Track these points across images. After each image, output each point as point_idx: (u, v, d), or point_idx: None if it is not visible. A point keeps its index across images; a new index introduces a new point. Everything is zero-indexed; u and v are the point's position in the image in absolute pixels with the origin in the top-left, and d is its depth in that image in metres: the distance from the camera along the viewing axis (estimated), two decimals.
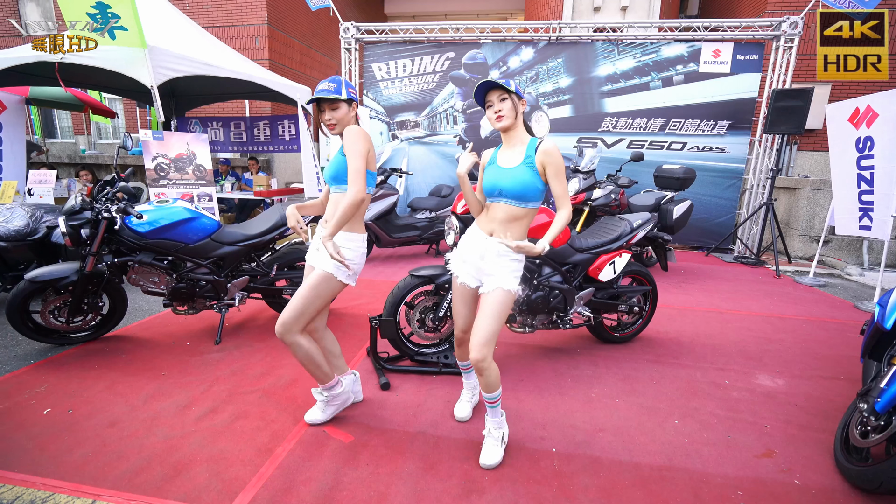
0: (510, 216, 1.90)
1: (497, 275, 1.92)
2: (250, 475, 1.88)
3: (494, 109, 1.87)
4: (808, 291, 4.96)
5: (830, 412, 2.48)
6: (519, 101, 1.89)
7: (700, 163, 6.64)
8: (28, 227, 3.71)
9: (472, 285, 2.04)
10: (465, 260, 2.03)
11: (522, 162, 1.86)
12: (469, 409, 2.36)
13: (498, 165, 1.93)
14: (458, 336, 2.19)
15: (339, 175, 2.01)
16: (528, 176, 1.84)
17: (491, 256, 1.94)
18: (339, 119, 2.00)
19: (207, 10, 11.00)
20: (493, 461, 1.96)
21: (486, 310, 1.89)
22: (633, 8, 10.03)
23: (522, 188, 1.85)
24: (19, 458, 1.96)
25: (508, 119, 1.86)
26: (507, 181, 1.86)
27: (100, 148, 12.42)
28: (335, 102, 1.99)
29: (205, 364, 2.87)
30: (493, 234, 1.94)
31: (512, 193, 1.87)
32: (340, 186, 2.03)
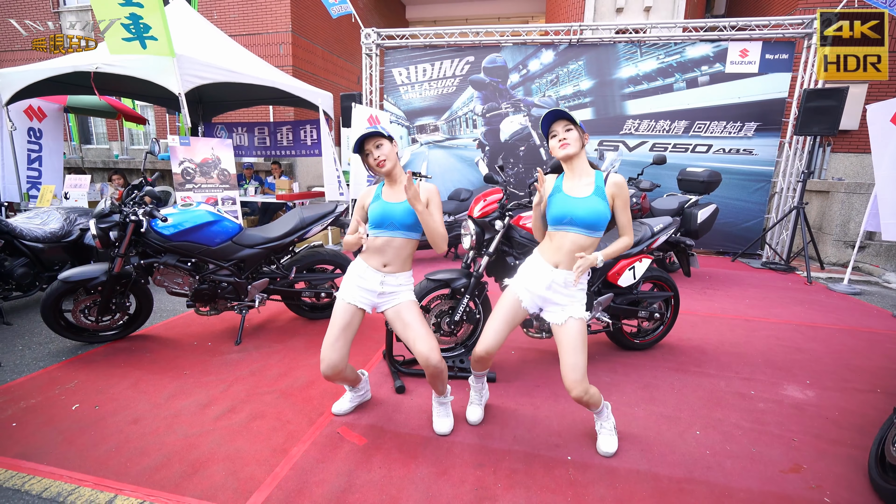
0: (578, 246, 1.94)
1: (568, 305, 1.99)
2: (265, 475, 1.91)
3: (559, 138, 1.94)
4: (842, 299, 4.75)
5: (865, 427, 2.36)
6: (583, 133, 1.97)
7: (726, 165, 6.46)
8: (63, 229, 3.88)
9: (532, 311, 2.10)
10: (529, 289, 2.06)
11: (594, 193, 1.93)
12: (480, 411, 2.35)
13: (566, 194, 1.96)
14: (479, 354, 2.12)
15: (415, 224, 2.07)
16: (601, 206, 1.91)
17: (558, 288, 1.99)
18: (388, 155, 2.04)
19: (234, 19, 11.33)
20: (611, 448, 2.09)
21: (571, 345, 1.93)
22: (657, 9, 9.85)
23: (595, 217, 1.90)
24: (48, 452, 2.04)
25: (573, 148, 1.93)
26: (581, 210, 1.91)
27: (132, 153, 12.90)
28: (379, 139, 2.03)
29: (225, 364, 2.93)
30: (559, 266, 1.98)
31: (584, 223, 1.91)
32: (409, 234, 2.09)
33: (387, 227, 2.07)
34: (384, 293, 2.12)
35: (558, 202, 1.97)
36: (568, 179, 2.01)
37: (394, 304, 2.12)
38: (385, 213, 2.06)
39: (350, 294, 2.12)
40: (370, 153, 2.05)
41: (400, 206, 2.06)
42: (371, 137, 2.03)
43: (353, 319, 2.11)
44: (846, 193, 6.29)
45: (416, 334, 2.05)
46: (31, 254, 3.68)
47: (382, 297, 2.13)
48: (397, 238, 2.08)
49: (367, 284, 2.11)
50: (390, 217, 2.06)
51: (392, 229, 2.07)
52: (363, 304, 2.13)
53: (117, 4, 4.14)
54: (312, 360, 3.01)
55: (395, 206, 2.07)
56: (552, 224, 2.00)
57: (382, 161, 2.03)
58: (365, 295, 2.12)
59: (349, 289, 2.13)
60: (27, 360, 2.93)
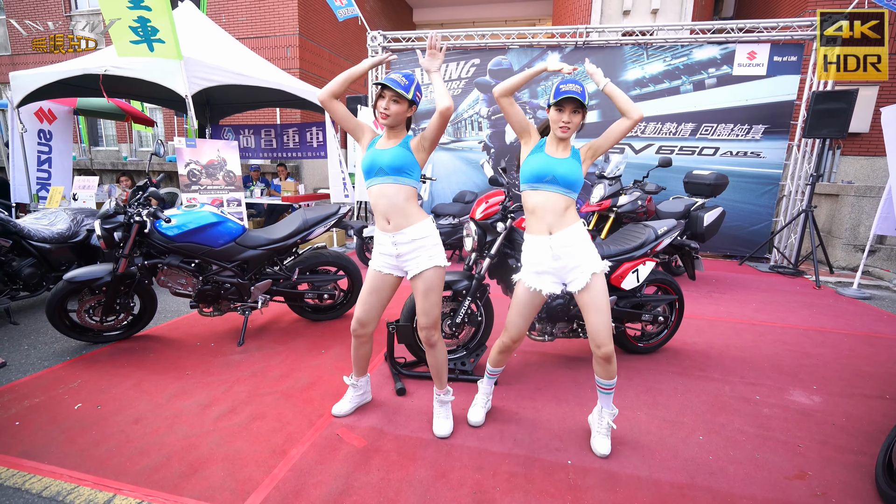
0: (561, 206, 1.98)
1: (583, 263, 2.00)
2: (263, 476, 1.90)
3: (564, 120, 1.95)
4: (852, 304, 4.68)
5: (873, 434, 2.32)
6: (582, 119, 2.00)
7: (734, 168, 6.39)
8: (70, 230, 3.92)
9: (558, 290, 2.09)
10: (541, 271, 2.06)
11: (571, 156, 2.00)
12: (483, 413, 2.34)
13: (546, 154, 2.01)
14: (506, 343, 2.19)
15: (402, 167, 2.01)
16: (577, 167, 1.98)
17: (565, 250, 1.99)
18: (395, 113, 1.99)
19: (242, 22, 11.43)
20: (606, 450, 2.09)
21: (594, 306, 1.98)
22: (664, 11, 9.80)
23: (575, 177, 1.97)
24: (50, 450, 2.05)
25: (571, 133, 1.98)
26: (562, 168, 1.96)
27: (140, 155, 13.04)
28: (400, 96, 1.98)
29: (227, 365, 2.94)
30: (553, 231, 2.00)
31: (564, 180, 1.96)
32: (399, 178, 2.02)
33: (376, 174, 2.03)
34: (401, 255, 2.07)
35: (539, 159, 2.00)
36: (550, 144, 2.04)
37: (419, 270, 2.06)
38: (373, 159, 2.03)
39: (375, 261, 2.16)
40: (384, 98, 1.98)
41: (388, 152, 2.01)
42: (392, 90, 1.96)
43: (381, 284, 2.15)
44: (856, 197, 6.20)
45: (417, 308, 2.12)
46: (39, 254, 3.72)
47: (401, 259, 2.09)
48: (388, 185, 2.02)
49: (384, 249, 2.12)
50: (378, 162, 2.01)
51: (381, 175, 2.02)
52: (388, 269, 2.13)
53: (125, 7, 4.19)
54: (314, 361, 3.01)
55: (383, 152, 2.02)
56: (531, 181, 2.01)
57: (386, 114, 1.99)
58: (386, 259, 2.13)
59: (375, 256, 2.17)
60: (32, 360, 2.96)
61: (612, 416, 2.14)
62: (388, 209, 2.04)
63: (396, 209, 2.03)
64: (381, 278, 2.15)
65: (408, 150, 2.02)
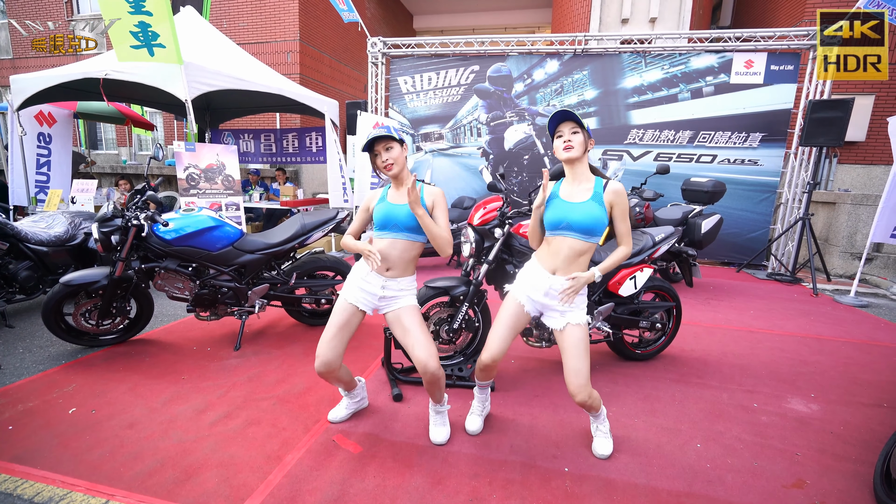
0: (575, 251, 1.94)
1: (566, 312, 1.98)
2: (258, 482, 1.89)
3: (565, 139, 1.92)
4: (849, 311, 4.69)
5: (871, 442, 2.31)
6: (589, 139, 1.95)
7: (731, 176, 6.43)
8: (67, 233, 3.91)
9: (533, 314, 2.09)
10: (529, 295, 2.06)
11: (591, 198, 1.92)
12: (480, 421, 2.32)
13: (563, 199, 1.96)
14: (485, 362, 2.09)
15: (418, 226, 2.03)
16: (598, 211, 1.89)
17: (556, 294, 1.98)
18: (395, 159, 2.02)
19: (243, 28, 11.49)
20: (606, 451, 2.11)
21: (572, 351, 1.95)
22: (663, 20, 9.89)
23: (591, 223, 1.89)
24: (43, 455, 2.03)
25: (577, 152, 1.91)
26: (577, 215, 1.90)
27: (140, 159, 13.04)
28: (390, 142, 2.02)
29: (223, 369, 2.92)
30: (557, 272, 1.98)
31: (580, 227, 1.91)
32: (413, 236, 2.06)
33: (390, 229, 2.06)
34: (385, 297, 2.10)
35: (555, 207, 1.97)
36: (567, 184, 2.00)
37: (395, 307, 2.10)
38: (389, 214, 2.05)
39: (352, 294, 2.11)
40: (379, 154, 2.03)
41: (404, 208, 2.04)
42: (382, 140, 2.01)
43: (351, 319, 2.10)
44: (853, 205, 6.22)
45: (415, 340, 2.04)
46: (36, 257, 3.71)
47: (383, 300, 2.12)
48: (400, 240, 2.06)
49: (368, 287, 2.10)
50: (394, 219, 2.04)
51: (396, 231, 2.05)
52: (363, 306, 2.11)
53: (126, 12, 4.21)
54: (311, 366, 2.99)
55: (399, 207, 2.05)
56: (549, 229, 1.99)
57: (390, 164, 2.01)
58: (366, 297, 2.11)
59: (351, 289, 2.12)
60: (27, 364, 2.94)
61: (605, 423, 2.18)
62: (395, 261, 2.07)
63: (402, 262, 2.08)
64: (353, 313, 2.10)
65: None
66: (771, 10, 10.36)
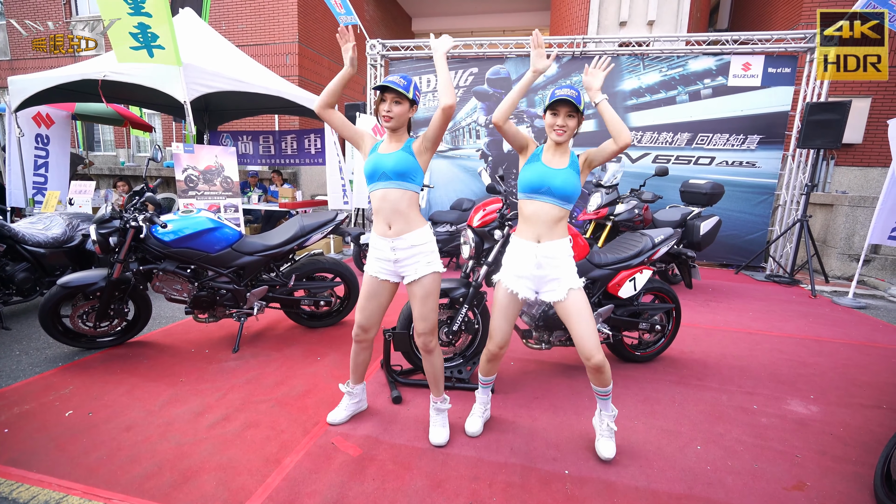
0: (552, 217, 1.98)
1: (562, 277, 2.00)
2: (256, 485, 1.88)
3: (559, 123, 1.95)
4: (847, 313, 4.70)
5: (871, 444, 2.31)
6: (581, 120, 2.00)
7: (729, 178, 6.44)
8: (65, 234, 3.90)
9: (530, 296, 2.09)
10: (520, 274, 2.05)
11: (569, 165, 1.98)
12: (480, 423, 2.32)
13: (543, 164, 2.00)
14: (492, 351, 2.17)
15: (405, 171, 1.99)
16: (575, 179, 1.97)
17: (548, 261, 1.99)
18: (398, 115, 1.99)
19: (242, 30, 11.49)
20: (610, 453, 2.10)
21: (580, 315, 1.98)
22: (660, 23, 9.92)
23: (570, 188, 1.95)
24: (39, 459, 2.01)
25: (566, 136, 1.98)
26: (558, 180, 1.95)
27: (138, 160, 13.02)
28: (400, 97, 1.98)
29: (221, 372, 2.91)
30: (541, 240, 1.99)
31: (560, 193, 1.96)
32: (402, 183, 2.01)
33: (379, 178, 2.01)
34: (399, 260, 2.05)
35: (536, 170, 2.00)
36: (548, 153, 2.04)
37: (415, 276, 2.04)
38: (377, 163, 2.01)
39: (371, 266, 2.13)
40: (386, 101, 1.98)
41: (391, 156, 1.99)
42: (394, 91, 1.96)
43: (379, 290, 2.13)
44: (850, 207, 6.25)
45: (414, 315, 2.10)
46: (33, 259, 3.69)
47: (399, 264, 2.06)
48: (391, 189, 2.00)
49: (381, 254, 2.09)
50: (381, 167, 1.99)
51: (384, 179, 2.00)
52: (384, 275, 2.11)
53: (126, 13, 4.20)
54: (309, 368, 2.98)
55: (386, 156, 2.00)
56: (528, 192, 2.01)
57: (389, 117, 1.98)
58: (383, 265, 2.10)
59: (370, 261, 2.14)
60: (23, 366, 2.92)
61: (612, 418, 2.15)
62: (391, 214, 2.02)
63: (398, 214, 2.02)
64: (377, 284, 2.13)
65: (411, 155, 2.00)
66: (768, 13, 10.40)
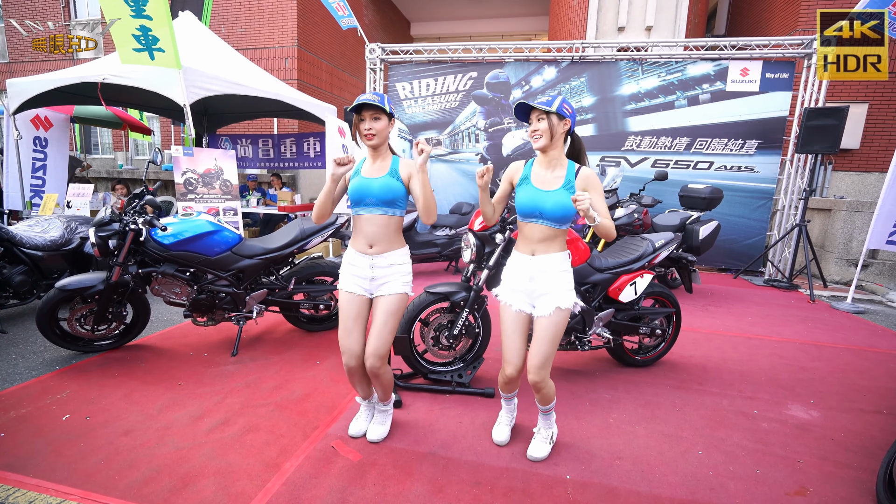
0: (548, 236, 1.95)
1: (552, 292, 1.95)
2: (256, 490, 1.86)
3: (532, 129, 1.90)
4: (846, 318, 4.70)
5: (872, 449, 2.31)
6: (560, 121, 1.88)
7: (728, 182, 6.46)
8: (63, 237, 3.88)
9: (528, 310, 2.03)
10: (515, 287, 2.04)
11: (563, 186, 1.89)
12: (508, 431, 2.28)
13: (534, 186, 1.94)
14: (509, 375, 2.05)
15: (393, 199, 1.98)
16: (567, 200, 1.86)
17: (540, 275, 1.97)
18: (379, 131, 1.98)
19: (241, 33, 11.52)
20: (540, 454, 2.09)
21: (542, 333, 1.93)
22: (658, 28, 9.98)
23: (563, 212, 1.88)
24: (36, 463, 1.99)
25: (545, 140, 1.88)
26: (549, 204, 1.89)
27: (136, 163, 13.00)
28: (378, 112, 1.97)
29: (220, 375, 2.89)
30: (536, 254, 1.97)
31: (553, 217, 1.90)
32: (389, 210, 2.01)
33: (365, 205, 2.00)
34: (376, 278, 2.04)
35: (526, 194, 1.95)
36: (539, 167, 1.97)
37: (384, 293, 2.04)
38: (363, 188, 1.99)
39: (347, 283, 2.08)
40: (365, 120, 1.96)
41: (378, 182, 1.98)
42: (371, 108, 1.94)
43: (360, 308, 2.07)
44: (848, 212, 6.27)
45: (372, 330, 2.04)
46: (31, 261, 3.67)
47: (375, 282, 2.05)
48: (377, 216, 2.00)
49: (358, 271, 2.06)
50: (368, 193, 1.98)
51: (371, 206, 1.99)
52: (360, 291, 2.07)
53: (128, 15, 4.20)
54: (309, 372, 2.97)
55: (372, 181, 1.99)
56: (521, 216, 1.99)
57: (371, 134, 1.97)
58: (359, 282, 2.07)
59: (345, 278, 2.10)
60: (20, 369, 2.90)
61: (548, 427, 2.15)
62: (374, 237, 2.02)
63: (382, 238, 2.02)
64: (357, 301, 2.07)
65: (397, 181, 1.98)
66: (765, 19, 10.49)
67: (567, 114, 1.89)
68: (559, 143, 1.93)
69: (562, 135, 1.92)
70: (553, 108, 1.85)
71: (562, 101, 1.88)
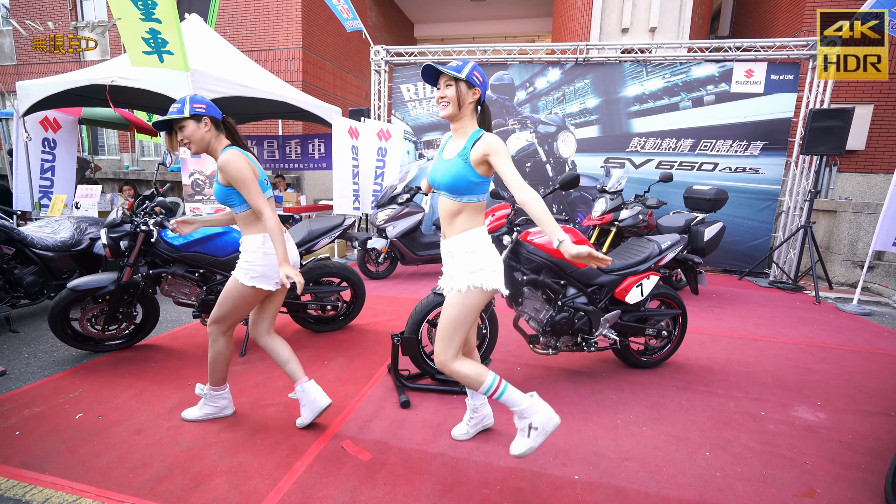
0: (448, 211, 1.87)
1: (455, 276, 1.88)
2: (268, 489, 1.88)
3: (440, 94, 1.78)
4: (852, 320, 4.70)
5: (880, 451, 2.31)
6: (469, 89, 1.76)
7: (733, 184, 6.46)
8: (73, 238, 3.92)
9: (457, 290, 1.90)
10: (446, 271, 1.99)
11: (458, 154, 1.79)
12: (464, 427, 2.29)
13: (441, 157, 1.91)
14: None
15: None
16: (460, 168, 1.76)
17: (449, 258, 1.93)
18: (190, 136, 2.03)
19: (246, 35, 11.58)
20: (515, 451, 1.84)
21: (443, 315, 1.88)
22: (662, 29, 9.98)
23: (453, 181, 1.79)
24: (51, 461, 2.02)
25: (451, 108, 1.77)
26: (441, 173, 1.84)
27: (142, 165, 13.09)
28: (180, 121, 2.02)
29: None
30: (447, 236, 1.92)
31: (445, 186, 1.83)
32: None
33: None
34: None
35: (433, 164, 1.94)
36: (451, 140, 1.91)
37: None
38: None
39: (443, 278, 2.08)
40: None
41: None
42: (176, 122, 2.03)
43: None
44: (854, 213, 6.26)
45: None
46: (41, 262, 3.71)
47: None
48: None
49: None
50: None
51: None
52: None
53: (138, 18, 4.25)
54: (317, 372, 2.99)
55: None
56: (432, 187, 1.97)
57: (187, 143, 2.05)
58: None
59: None
60: (32, 369, 2.93)
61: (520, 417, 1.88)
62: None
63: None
64: None
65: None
66: (769, 20, 10.47)
67: (477, 82, 1.77)
68: (467, 112, 1.81)
69: (471, 104, 1.80)
70: (462, 74, 1.73)
71: (472, 67, 1.76)
